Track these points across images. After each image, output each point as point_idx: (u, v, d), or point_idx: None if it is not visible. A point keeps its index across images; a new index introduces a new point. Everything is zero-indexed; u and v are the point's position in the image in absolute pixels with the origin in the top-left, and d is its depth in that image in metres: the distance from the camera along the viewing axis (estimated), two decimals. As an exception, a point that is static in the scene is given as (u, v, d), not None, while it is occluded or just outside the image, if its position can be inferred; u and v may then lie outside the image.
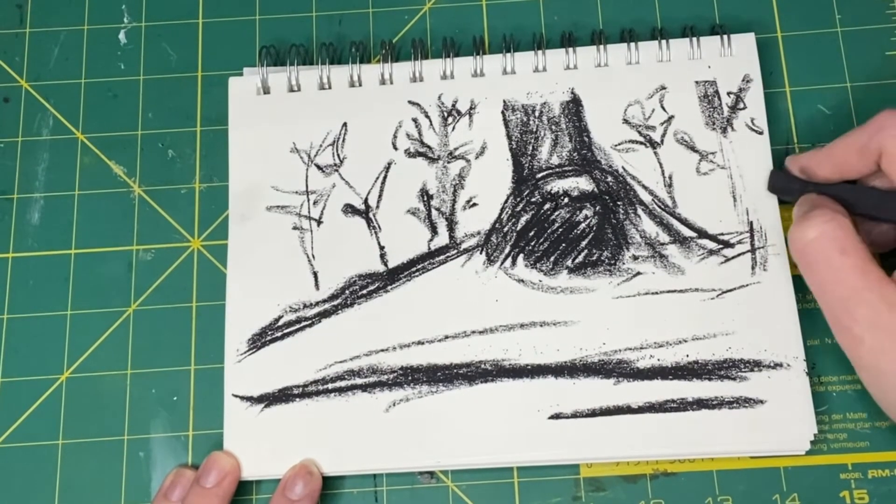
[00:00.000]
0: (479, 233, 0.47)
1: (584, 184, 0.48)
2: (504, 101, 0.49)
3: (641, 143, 0.48)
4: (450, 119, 0.49)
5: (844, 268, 0.38)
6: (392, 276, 0.47)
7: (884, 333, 0.37)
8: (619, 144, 0.48)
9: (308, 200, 0.48)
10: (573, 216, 0.47)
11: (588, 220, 0.47)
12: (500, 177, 0.48)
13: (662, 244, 0.47)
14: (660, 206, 0.47)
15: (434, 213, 0.48)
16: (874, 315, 0.37)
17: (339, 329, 0.46)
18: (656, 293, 0.46)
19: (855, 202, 0.42)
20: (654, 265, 0.46)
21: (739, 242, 0.46)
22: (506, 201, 0.48)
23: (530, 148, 0.48)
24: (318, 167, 0.49)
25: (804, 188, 0.44)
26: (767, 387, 0.44)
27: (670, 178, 0.48)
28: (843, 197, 0.42)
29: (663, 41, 0.49)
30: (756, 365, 0.45)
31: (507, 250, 0.47)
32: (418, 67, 0.50)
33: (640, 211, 0.47)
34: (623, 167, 0.48)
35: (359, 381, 0.45)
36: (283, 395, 0.45)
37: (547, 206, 0.48)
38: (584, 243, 0.47)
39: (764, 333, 0.45)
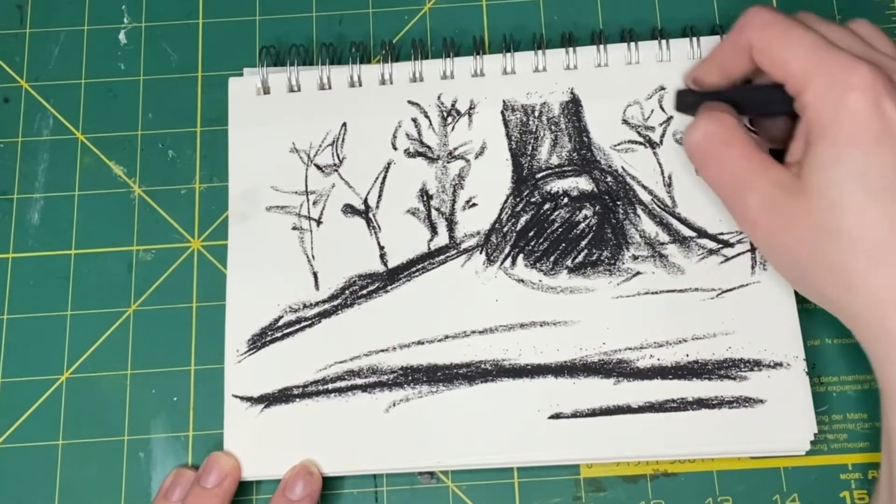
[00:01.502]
0: (478, 233, 0.47)
1: (583, 184, 0.48)
2: (504, 101, 0.49)
3: (641, 143, 0.48)
4: (449, 119, 0.49)
5: (731, 158, 0.40)
6: (392, 276, 0.47)
7: (774, 213, 0.39)
8: (619, 144, 0.48)
9: (308, 200, 0.48)
10: (573, 216, 0.47)
11: (588, 220, 0.47)
12: (500, 177, 0.48)
13: (662, 244, 0.47)
14: (659, 206, 0.47)
15: (434, 213, 0.48)
16: (763, 197, 0.39)
17: (339, 329, 0.46)
18: (656, 293, 0.46)
19: (743, 103, 0.43)
20: (654, 265, 0.46)
21: (739, 242, 0.46)
22: (505, 201, 0.48)
23: (530, 148, 0.48)
24: (318, 167, 0.49)
25: (701, 98, 0.44)
26: (767, 387, 0.44)
27: (670, 177, 0.48)
28: (733, 100, 0.43)
29: (663, 41, 0.49)
30: (756, 365, 0.45)
31: (506, 250, 0.47)
32: (418, 67, 0.50)
33: (639, 211, 0.47)
34: (622, 167, 0.48)
35: (359, 381, 0.45)
36: (283, 396, 0.45)
37: (547, 206, 0.48)
38: (583, 243, 0.47)
39: (764, 333, 0.45)
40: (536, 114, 0.49)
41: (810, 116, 0.38)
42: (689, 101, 0.45)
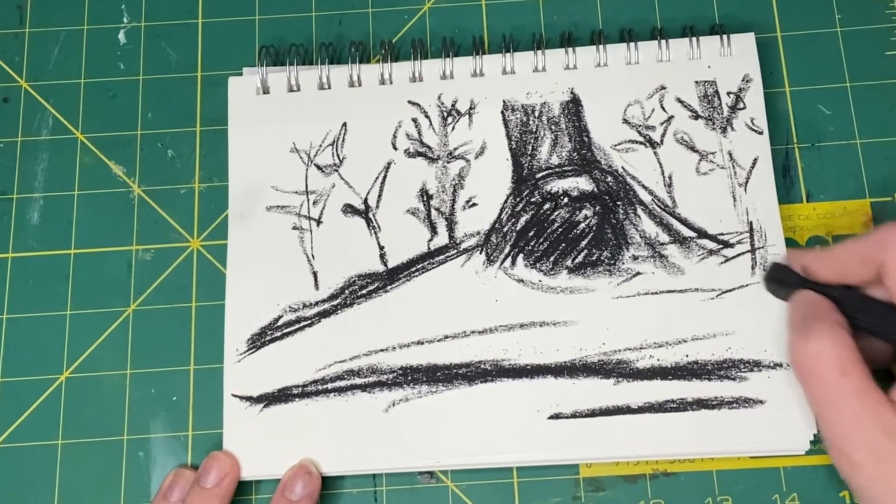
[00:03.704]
0: (478, 233, 0.47)
1: (583, 184, 0.48)
2: (504, 101, 0.49)
3: (641, 142, 0.48)
4: (449, 119, 0.49)
5: (844, 390, 0.37)
6: (392, 276, 0.47)
7: (880, 460, 0.36)
8: (619, 144, 0.48)
9: (308, 200, 0.48)
10: (573, 216, 0.47)
11: (588, 220, 0.47)
12: (500, 177, 0.48)
13: (662, 244, 0.47)
14: (659, 206, 0.47)
15: (434, 212, 0.48)
16: (871, 441, 0.36)
17: (338, 329, 0.46)
18: (656, 293, 0.46)
19: (854, 311, 0.40)
20: (654, 265, 0.46)
21: (739, 242, 0.46)
22: (505, 201, 0.48)
23: (530, 148, 0.48)
24: (318, 167, 0.49)
25: (803, 284, 0.41)
26: (767, 387, 0.44)
27: (670, 177, 0.48)
28: (842, 301, 0.40)
29: (663, 41, 0.49)
30: (756, 365, 0.45)
31: (506, 250, 0.47)
32: (418, 67, 0.50)
33: (639, 211, 0.47)
34: (623, 167, 0.48)
35: (358, 381, 0.45)
36: (282, 395, 0.45)
37: (547, 205, 0.48)
38: (583, 243, 0.47)
39: (764, 333, 0.45)
40: (536, 114, 0.49)
41: None
42: (787, 280, 0.42)
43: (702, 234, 0.47)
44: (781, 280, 0.42)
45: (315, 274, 0.47)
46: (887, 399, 0.37)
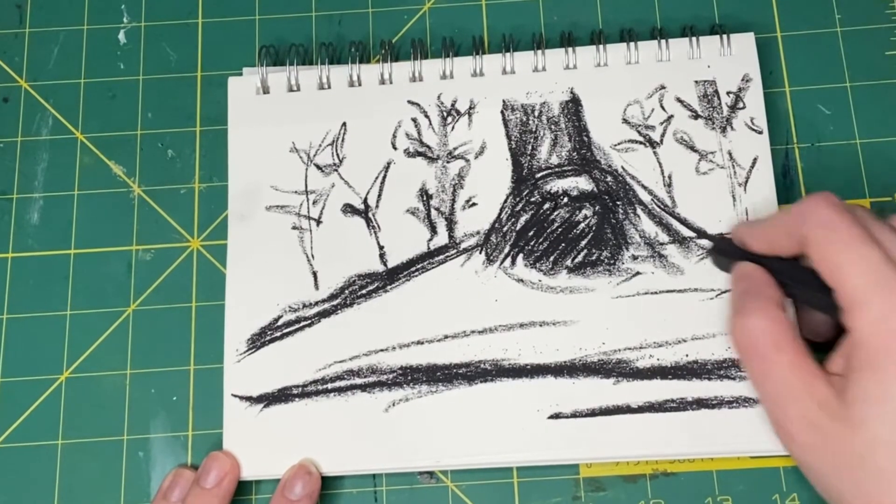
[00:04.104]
0: (478, 232, 0.47)
1: (583, 183, 0.48)
2: (503, 101, 0.49)
3: (641, 142, 0.48)
4: (449, 119, 0.49)
5: (778, 365, 0.38)
6: (391, 276, 0.47)
7: (814, 430, 0.37)
8: (619, 144, 0.48)
9: (307, 200, 0.48)
10: (572, 216, 0.47)
11: (587, 220, 0.47)
12: (500, 176, 0.48)
13: (662, 244, 0.47)
14: (659, 206, 0.47)
15: (433, 212, 0.48)
16: (805, 412, 0.37)
17: (338, 329, 0.46)
18: (656, 293, 0.46)
19: (787, 285, 0.40)
20: (654, 265, 0.46)
21: (739, 242, 0.46)
22: (505, 201, 0.48)
23: (530, 148, 0.48)
24: (318, 167, 0.49)
25: (743, 256, 0.42)
26: (767, 386, 0.44)
27: (670, 177, 0.48)
28: (778, 273, 0.40)
29: (663, 41, 0.49)
30: (756, 364, 0.45)
31: (506, 250, 0.47)
32: (418, 67, 0.50)
33: (639, 211, 0.47)
34: (622, 167, 0.48)
35: (358, 381, 0.45)
36: (282, 395, 0.45)
37: (546, 205, 0.48)
38: (583, 243, 0.47)
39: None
40: (536, 113, 0.49)
41: (859, 340, 0.36)
42: (728, 251, 0.43)
43: (701, 233, 0.47)
44: (725, 251, 0.43)
45: (315, 274, 0.47)
46: (822, 372, 0.37)
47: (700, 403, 0.44)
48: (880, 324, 0.36)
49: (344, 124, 0.49)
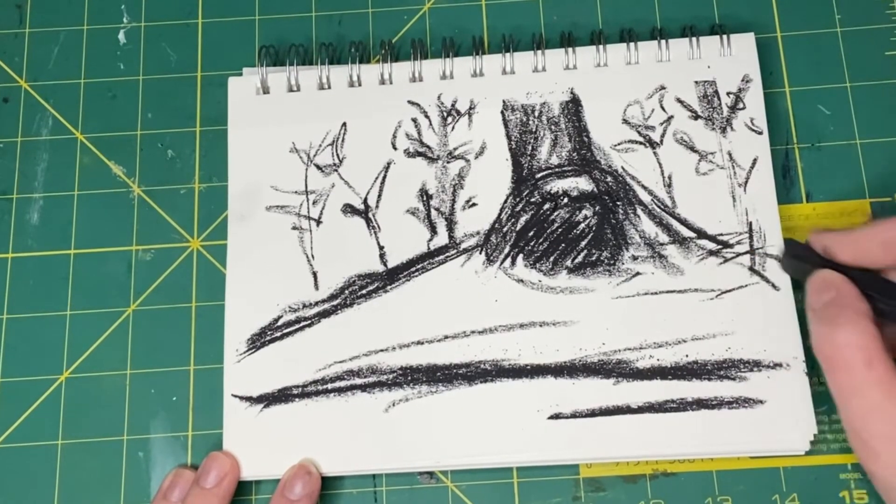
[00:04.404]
0: (478, 233, 0.47)
1: (583, 184, 0.48)
2: (503, 101, 0.49)
3: (641, 143, 0.48)
4: (449, 119, 0.49)
5: (867, 382, 0.37)
6: (391, 276, 0.47)
7: None
8: (619, 144, 0.48)
9: (307, 200, 0.48)
10: (573, 216, 0.47)
11: (587, 221, 0.47)
12: (500, 177, 0.48)
13: (662, 244, 0.47)
14: (659, 207, 0.47)
15: (433, 212, 0.48)
16: (893, 431, 0.36)
17: (338, 329, 0.46)
18: (656, 293, 0.46)
19: (875, 294, 0.39)
20: (654, 265, 0.46)
21: (739, 243, 0.46)
22: (505, 201, 0.48)
23: (530, 148, 0.48)
24: (318, 167, 0.49)
25: (822, 264, 0.41)
26: (767, 387, 0.44)
27: (670, 178, 0.48)
28: (863, 284, 0.39)
29: (663, 41, 0.49)
30: (756, 365, 0.45)
31: (506, 250, 0.47)
32: (418, 67, 0.50)
33: (639, 211, 0.47)
34: (622, 167, 0.48)
35: (358, 381, 0.45)
36: (282, 396, 0.45)
37: (546, 206, 0.48)
38: (583, 243, 0.47)
39: (763, 333, 0.45)
40: (536, 114, 0.49)
41: None
42: (805, 258, 0.42)
43: (701, 234, 0.47)
44: (800, 257, 0.42)
45: (315, 274, 0.47)
46: None
47: (700, 404, 0.44)
48: None
49: (344, 124, 0.49)
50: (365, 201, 0.48)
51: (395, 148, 0.49)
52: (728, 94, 0.48)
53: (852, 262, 0.41)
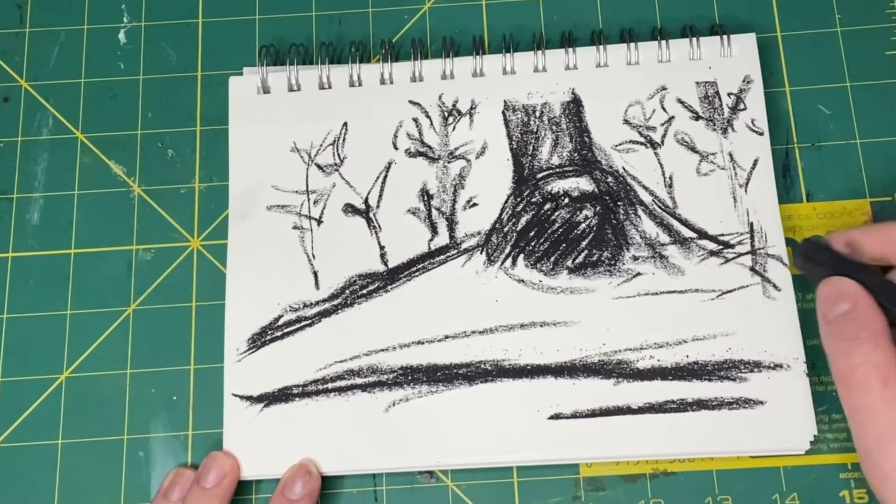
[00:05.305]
0: (479, 233, 0.47)
1: (584, 184, 0.48)
2: (504, 101, 0.49)
3: (642, 143, 0.48)
4: (450, 119, 0.49)
5: (884, 401, 0.36)
6: (392, 276, 0.47)
7: None
8: (620, 145, 0.48)
9: (308, 200, 0.48)
10: (573, 216, 0.47)
11: (588, 221, 0.47)
12: (501, 177, 0.48)
13: (663, 245, 0.47)
14: (660, 207, 0.47)
15: (434, 212, 0.48)
16: None
17: (338, 329, 0.46)
18: (656, 294, 0.46)
19: (889, 301, 0.38)
20: (655, 266, 0.46)
21: (740, 243, 0.46)
22: (506, 201, 0.48)
23: (531, 148, 0.48)
24: (319, 167, 0.49)
25: (836, 266, 0.40)
26: (767, 387, 0.44)
27: (671, 178, 0.48)
28: (877, 291, 0.39)
29: (663, 41, 0.49)
30: (756, 365, 0.45)
31: (507, 250, 0.47)
32: (418, 67, 0.50)
33: (640, 211, 0.47)
34: (623, 167, 0.48)
35: (358, 380, 0.45)
36: (282, 395, 0.45)
37: (547, 206, 0.48)
38: (584, 244, 0.47)
39: (764, 334, 0.45)
40: (537, 114, 0.49)
41: None
42: (820, 258, 0.41)
43: (702, 234, 0.47)
44: (814, 258, 0.41)
45: (315, 273, 0.47)
46: None
47: (700, 404, 0.44)
48: None
49: (345, 124, 0.49)
50: (366, 201, 0.48)
51: (396, 148, 0.49)
52: (729, 94, 0.48)
53: (881, 254, 0.40)
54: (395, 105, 0.49)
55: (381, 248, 0.47)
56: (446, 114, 0.49)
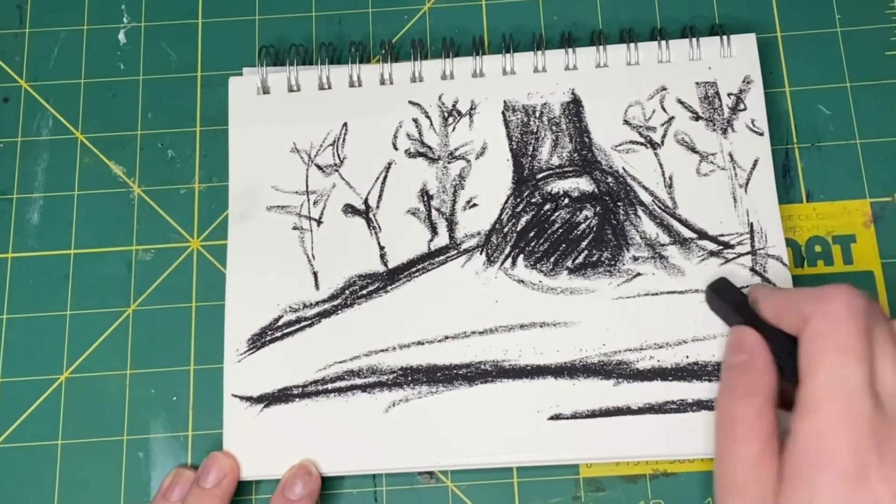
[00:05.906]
0: (479, 233, 0.47)
1: (584, 184, 0.48)
2: (504, 102, 0.49)
3: (642, 143, 0.48)
4: (450, 119, 0.49)
5: (740, 456, 0.37)
6: (392, 277, 0.47)
7: None
8: (620, 145, 0.48)
9: (308, 200, 0.48)
10: (573, 217, 0.47)
11: (588, 221, 0.47)
12: (501, 177, 0.48)
13: (663, 245, 0.47)
14: (660, 207, 0.47)
15: (434, 213, 0.48)
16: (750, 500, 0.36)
17: (338, 329, 0.46)
18: (656, 294, 0.46)
19: (784, 358, 0.39)
20: (655, 266, 0.46)
21: (740, 244, 0.46)
22: (506, 202, 0.48)
23: (531, 148, 0.48)
24: (319, 167, 0.49)
25: (738, 309, 0.42)
26: (767, 387, 0.44)
27: (671, 178, 0.48)
28: (775, 344, 0.39)
29: (663, 42, 0.49)
30: (756, 366, 0.45)
31: (507, 251, 0.47)
32: (418, 67, 0.50)
33: (640, 212, 0.47)
34: (623, 168, 0.48)
35: (358, 381, 0.45)
36: (282, 396, 0.45)
37: (547, 206, 0.48)
38: (584, 244, 0.47)
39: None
40: (537, 114, 0.49)
41: (796, 444, 0.35)
42: (728, 297, 0.43)
43: (702, 235, 0.47)
44: (723, 295, 0.43)
45: (315, 274, 0.47)
46: (778, 460, 0.36)
47: (700, 405, 0.44)
48: (818, 439, 0.34)
49: (345, 124, 0.49)
50: (366, 201, 0.48)
51: (395, 148, 0.49)
52: (729, 95, 0.48)
53: (770, 320, 0.40)
54: (395, 105, 0.49)
55: (381, 248, 0.47)
56: (446, 114, 0.49)
